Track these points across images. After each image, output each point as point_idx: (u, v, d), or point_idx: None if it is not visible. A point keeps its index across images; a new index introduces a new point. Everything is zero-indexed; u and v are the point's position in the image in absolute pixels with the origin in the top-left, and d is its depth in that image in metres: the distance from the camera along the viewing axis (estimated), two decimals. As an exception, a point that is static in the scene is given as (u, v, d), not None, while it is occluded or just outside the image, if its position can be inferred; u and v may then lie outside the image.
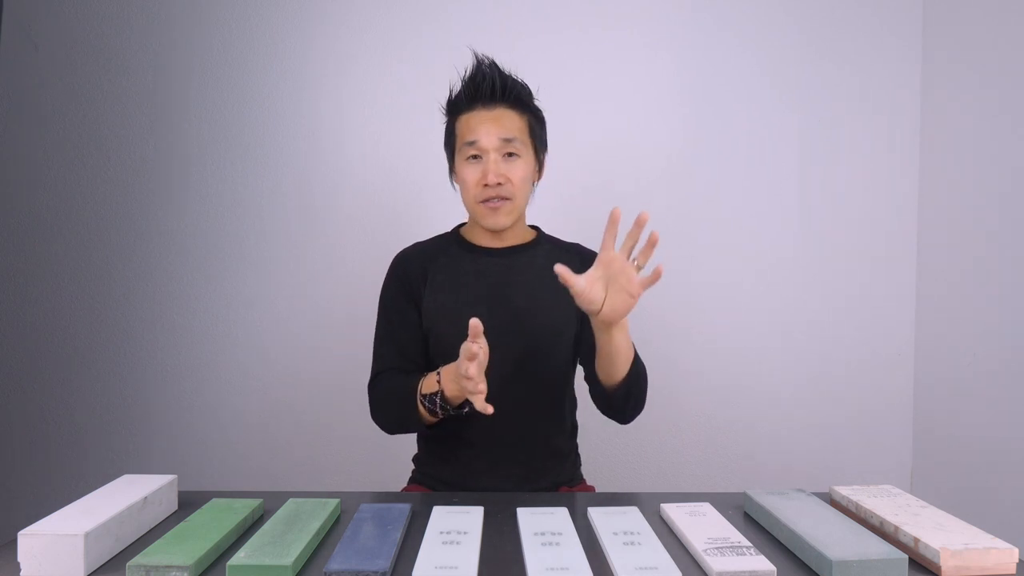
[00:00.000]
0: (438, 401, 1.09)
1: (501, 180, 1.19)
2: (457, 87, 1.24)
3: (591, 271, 1.00)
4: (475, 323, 0.97)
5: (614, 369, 1.11)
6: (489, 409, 0.99)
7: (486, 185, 1.18)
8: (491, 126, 1.19)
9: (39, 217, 1.95)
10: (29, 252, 1.94)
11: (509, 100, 1.22)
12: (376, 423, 1.23)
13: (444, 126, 1.29)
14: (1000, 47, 1.77)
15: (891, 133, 2.05)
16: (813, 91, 2.04)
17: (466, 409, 1.10)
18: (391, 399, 1.20)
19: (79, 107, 1.95)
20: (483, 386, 0.98)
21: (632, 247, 0.99)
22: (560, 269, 0.98)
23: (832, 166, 2.05)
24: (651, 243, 0.98)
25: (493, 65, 1.23)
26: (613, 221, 0.99)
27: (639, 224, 0.97)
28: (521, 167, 1.21)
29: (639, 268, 1.00)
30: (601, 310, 1.00)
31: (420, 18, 1.98)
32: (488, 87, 1.20)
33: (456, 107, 1.24)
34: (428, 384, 1.12)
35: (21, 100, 1.94)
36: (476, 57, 1.23)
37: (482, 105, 1.21)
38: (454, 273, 1.26)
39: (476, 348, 0.97)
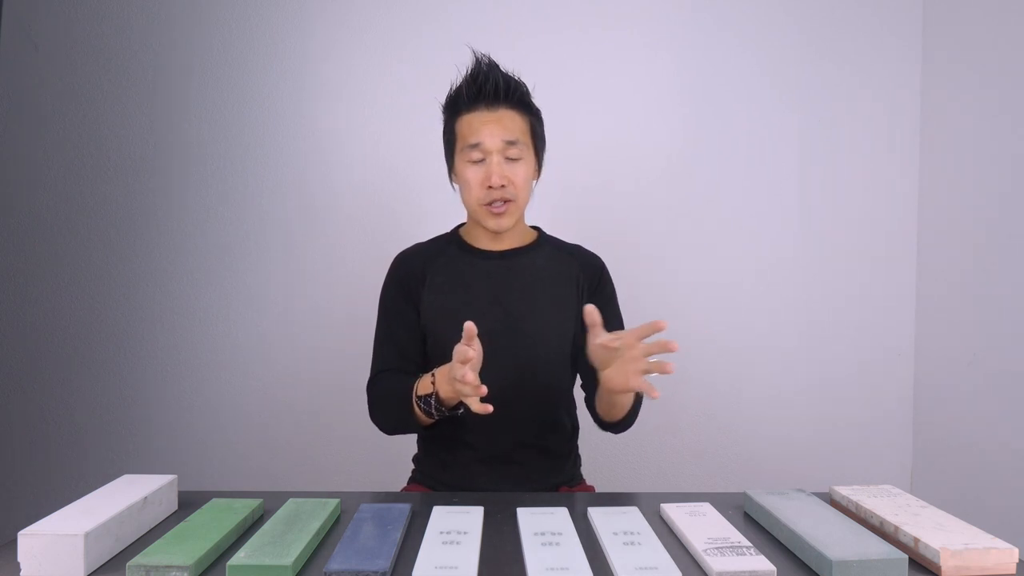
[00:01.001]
0: (432, 403, 1.09)
1: (504, 182, 1.18)
2: (457, 86, 1.23)
3: (613, 336, 0.99)
4: (469, 326, 0.97)
5: (610, 412, 1.16)
6: (488, 409, 0.98)
7: (490, 187, 1.18)
8: (494, 127, 1.18)
9: (39, 217, 1.95)
10: (29, 252, 1.94)
11: (512, 101, 1.21)
12: (375, 423, 1.23)
13: (442, 124, 1.28)
14: (1000, 47, 1.77)
15: (891, 133, 2.05)
16: (813, 91, 2.04)
17: (461, 410, 1.10)
18: (389, 400, 1.20)
19: (79, 107, 1.95)
20: (483, 388, 0.97)
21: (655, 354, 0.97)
22: (589, 310, 1.00)
23: (832, 166, 2.05)
24: (661, 368, 0.96)
25: (493, 65, 1.22)
26: (655, 328, 0.96)
27: (661, 346, 0.95)
28: (523, 168, 1.21)
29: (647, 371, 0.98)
30: (600, 372, 1.04)
31: (420, 18, 1.98)
32: (491, 88, 1.19)
33: (456, 107, 1.23)
34: (423, 386, 1.11)
35: (21, 100, 1.94)
36: (476, 56, 1.22)
37: (485, 106, 1.19)
38: (453, 275, 1.26)
39: (471, 352, 0.96)
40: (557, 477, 1.28)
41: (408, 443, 1.37)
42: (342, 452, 1.98)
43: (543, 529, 0.86)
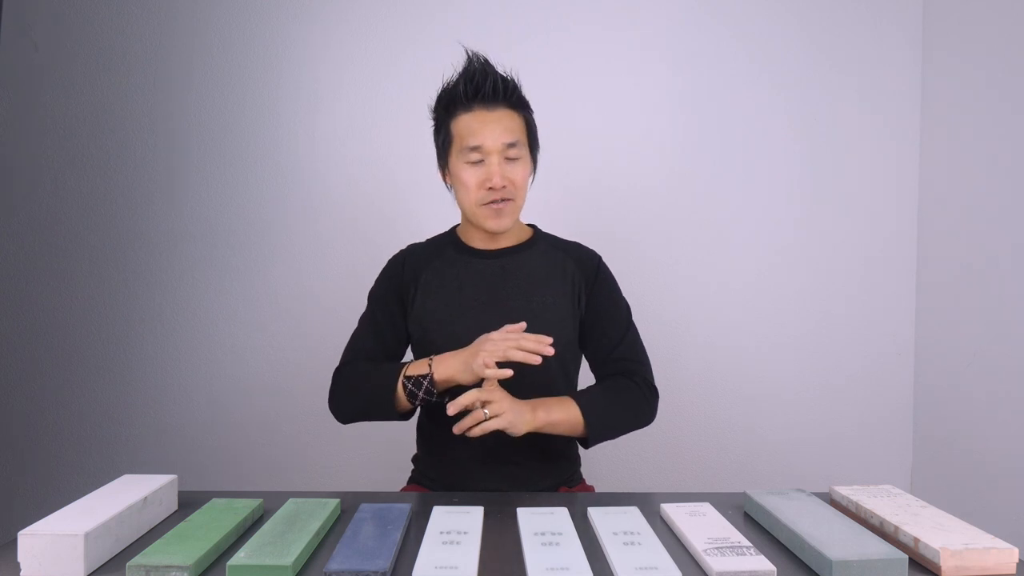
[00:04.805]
0: (424, 384, 1.11)
1: (505, 183, 1.18)
2: (451, 84, 1.21)
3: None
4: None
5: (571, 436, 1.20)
6: (508, 373, 1.07)
7: (490, 188, 1.18)
8: (495, 128, 1.17)
9: (39, 217, 1.95)
10: (29, 252, 1.94)
11: (510, 101, 1.20)
12: (333, 407, 1.23)
13: (433, 123, 1.26)
14: (1000, 46, 1.77)
15: (891, 133, 2.05)
16: (813, 91, 2.04)
17: (446, 398, 1.13)
18: (364, 381, 1.19)
19: (79, 107, 1.95)
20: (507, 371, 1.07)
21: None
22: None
23: (832, 166, 2.05)
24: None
25: (487, 63, 1.20)
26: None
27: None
28: (522, 168, 1.21)
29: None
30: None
31: (420, 18, 1.98)
32: (490, 87, 1.18)
33: (452, 106, 1.21)
34: (416, 367, 1.13)
35: (21, 100, 1.94)
36: (468, 54, 1.20)
37: (483, 106, 1.18)
38: (448, 277, 1.26)
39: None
40: (556, 477, 1.28)
41: (408, 443, 1.37)
42: (342, 452, 1.98)
43: (543, 529, 0.86)
